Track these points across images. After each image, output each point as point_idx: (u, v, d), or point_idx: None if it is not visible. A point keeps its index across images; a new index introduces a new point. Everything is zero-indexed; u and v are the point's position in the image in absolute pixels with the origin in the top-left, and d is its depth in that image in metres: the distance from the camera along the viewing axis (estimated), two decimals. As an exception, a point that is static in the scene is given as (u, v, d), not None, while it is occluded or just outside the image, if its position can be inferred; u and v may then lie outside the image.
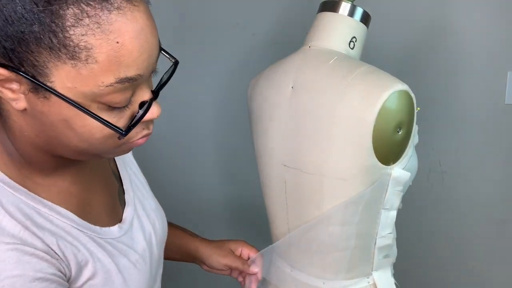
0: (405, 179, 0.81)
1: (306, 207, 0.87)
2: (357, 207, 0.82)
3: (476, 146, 1.55)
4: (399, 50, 1.51)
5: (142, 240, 0.71)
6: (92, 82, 0.49)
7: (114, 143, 0.55)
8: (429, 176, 1.57)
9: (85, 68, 0.49)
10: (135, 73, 0.51)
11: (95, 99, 0.51)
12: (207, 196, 1.62)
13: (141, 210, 0.73)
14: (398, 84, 0.76)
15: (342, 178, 0.80)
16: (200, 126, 1.58)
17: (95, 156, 0.58)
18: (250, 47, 1.52)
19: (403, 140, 0.80)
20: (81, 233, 0.61)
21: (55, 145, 0.55)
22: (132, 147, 0.59)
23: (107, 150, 0.56)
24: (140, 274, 0.68)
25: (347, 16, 0.85)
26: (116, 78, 0.50)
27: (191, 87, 1.53)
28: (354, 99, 0.77)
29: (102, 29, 0.48)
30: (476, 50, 1.49)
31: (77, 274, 0.58)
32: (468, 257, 1.62)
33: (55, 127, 0.53)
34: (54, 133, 0.53)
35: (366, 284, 0.89)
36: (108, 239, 0.65)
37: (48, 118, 0.52)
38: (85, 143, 0.54)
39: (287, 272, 0.96)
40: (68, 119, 0.52)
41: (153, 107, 0.56)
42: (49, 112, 0.51)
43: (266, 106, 0.91)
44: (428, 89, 1.53)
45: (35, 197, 0.57)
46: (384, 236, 0.86)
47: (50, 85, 0.49)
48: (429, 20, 1.49)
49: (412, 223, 1.57)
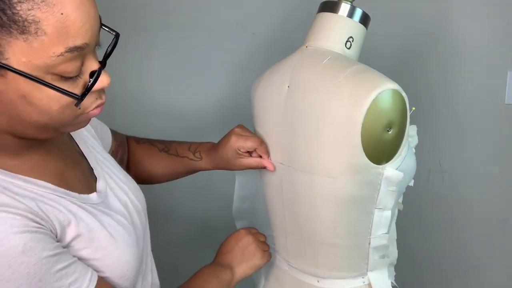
0: (398, 179, 0.80)
1: (299, 204, 0.88)
2: (347, 205, 0.82)
3: (476, 146, 1.55)
4: (399, 50, 1.51)
5: (120, 206, 0.73)
6: (44, 53, 0.53)
7: (72, 113, 0.59)
8: (429, 176, 1.57)
9: (36, 41, 0.52)
10: (81, 42, 0.55)
11: (49, 70, 0.54)
12: (211, 196, 1.62)
13: (112, 184, 0.76)
14: (388, 83, 0.76)
15: (332, 176, 0.80)
16: (200, 126, 1.58)
17: (56, 131, 0.61)
18: (250, 47, 1.52)
19: (395, 140, 0.79)
20: (61, 198, 0.63)
21: (16, 124, 0.58)
22: (89, 118, 0.63)
23: (66, 121, 0.60)
24: (126, 232, 0.70)
25: (344, 16, 0.85)
26: (65, 47, 0.54)
27: (190, 87, 1.53)
28: (344, 98, 0.77)
29: (46, 3, 0.52)
30: (476, 50, 1.49)
31: (62, 234, 0.61)
32: (468, 257, 1.62)
33: (15, 104, 0.55)
34: (14, 111, 0.56)
35: (361, 284, 0.89)
36: (88, 203, 0.67)
37: (7, 96, 0.55)
38: (45, 116, 0.57)
39: (285, 270, 0.97)
40: (26, 94, 0.55)
41: (103, 76, 0.60)
42: (7, 90, 0.54)
43: (265, 105, 0.92)
44: (428, 89, 1.53)
45: (8, 174, 0.60)
46: (378, 236, 0.85)
47: (6, 62, 0.52)
48: (429, 20, 1.49)
49: (412, 223, 1.57)
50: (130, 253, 0.69)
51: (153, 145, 1.01)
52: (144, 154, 1.01)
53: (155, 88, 1.54)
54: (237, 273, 0.90)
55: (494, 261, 1.61)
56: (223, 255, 0.92)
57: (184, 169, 1.01)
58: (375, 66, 0.83)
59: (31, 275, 0.54)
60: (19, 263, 0.53)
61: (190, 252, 1.51)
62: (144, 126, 1.53)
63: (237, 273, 0.90)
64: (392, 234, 0.92)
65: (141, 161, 1.01)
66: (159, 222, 1.45)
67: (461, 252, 1.62)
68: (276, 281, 1.00)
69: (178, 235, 1.60)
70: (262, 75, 0.95)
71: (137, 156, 1.01)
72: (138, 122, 1.53)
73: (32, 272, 0.54)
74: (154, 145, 1.01)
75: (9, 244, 0.53)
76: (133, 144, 1.02)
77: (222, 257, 0.92)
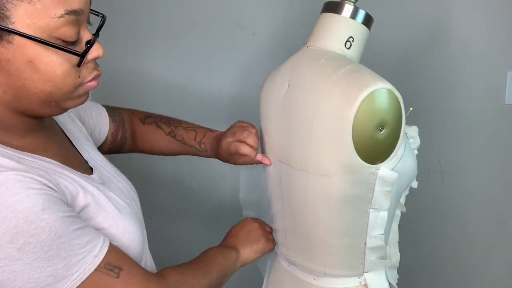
0: (392, 179, 0.80)
1: (296, 202, 0.88)
2: (341, 204, 0.82)
3: (476, 146, 1.55)
4: (399, 50, 1.51)
5: (118, 189, 0.77)
6: (47, 15, 0.58)
7: (72, 82, 0.64)
8: (429, 176, 1.57)
9: (39, 3, 0.57)
10: (77, 6, 0.61)
11: (51, 33, 0.59)
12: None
13: (107, 174, 0.79)
14: (380, 82, 0.75)
15: (325, 175, 0.80)
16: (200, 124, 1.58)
17: (58, 106, 0.65)
18: (250, 47, 1.52)
19: (388, 140, 0.79)
20: (68, 172, 0.67)
21: (22, 97, 0.62)
22: (87, 90, 0.67)
23: (68, 91, 0.64)
24: (129, 207, 0.74)
25: (345, 17, 0.86)
26: (64, 9, 0.59)
27: (190, 87, 1.53)
28: (336, 96, 0.77)
29: None
30: (476, 50, 1.49)
31: (72, 203, 0.64)
32: (468, 257, 1.62)
33: (21, 72, 0.60)
34: (20, 81, 0.60)
35: (357, 284, 0.89)
36: (92, 181, 0.71)
37: (14, 64, 0.59)
38: (49, 84, 0.61)
39: (285, 267, 0.98)
40: (33, 60, 0.59)
41: (97, 45, 0.66)
42: (14, 58, 0.59)
43: (268, 103, 0.93)
44: (428, 89, 1.53)
45: (16, 150, 0.63)
46: (375, 236, 0.85)
47: (12, 27, 0.57)
48: (429, 20, 1.49)
49: (412, 223, 1.57)
50: (135, 226, 0.73)
51: (159, 128, 1.04)
52: (151, 135, 1.04)
53: (155, 88, 1.54)
54: (242, 255, 0.93)
55: (494, 261, 1.61)
56: (229, 238, 0.96)
57: (191, 153, 1.05)
58: (376, 66, 0.83)
59: (52, 231, 0.58)
60: (41, 219, 0.57)
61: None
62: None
63: (242, 255, 0.93)
64: (394, 236, 0.92)
65: (147, 140, 1.04)
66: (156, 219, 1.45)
67: (461, 252, 1.62)
68: (276, 279, 1.01)
69: (177, 232, 1.60)
70: (268, 75, 0.97)
71: (143, 135, 1.04)
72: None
73: (53, 228, 0.58)
74: (160, 128, 1.04)
75: (30, 203, 0.56)
76: (138, 124, 1.04)
77: (228, 240, 0.96)
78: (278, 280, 1.00)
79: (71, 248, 0.60)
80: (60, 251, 0.58)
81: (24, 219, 0.56)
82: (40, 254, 0.57)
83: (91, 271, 0.61)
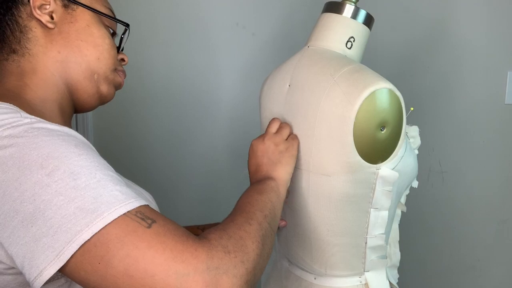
0: (393, 179, 0.80)
1: (297, 200, 0.89)
2: (342, 203, 0.82)
3: (476, 146, 1.55)
4: (399, 50, 1.51)
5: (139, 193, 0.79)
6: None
7: (114, 57, 0.77)
8: (429, 176, 1.58)
9: None
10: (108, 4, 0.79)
11: (101, 8, 0.76)
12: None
13: (125, 180, 0.79)
14: (381, 82, 0.76)
15: (326, 174, 0.81)
16: (200, 126, 1.58)
17: (97, 82, 0.75)
18: (250, 47, 1.52)
19: (389, 139, 0.79)
20: None
21: (72, 60, 0.72)
22: (117, 82, 0.79)
23: (109, 64, 0.76)
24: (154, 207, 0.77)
25: (346, 17, 0.86)
26: (108, 7, 0.78)
27: (190, 87, 1.53)
28: (338, 96, 0.77)
29: None
30: (476, 50, 1.49)
31: None
32: (468, 256, 1.63)
33: (79, 33, 0.73)
34: (77, 41, 0.72)
35: (358, 284, 0.89)
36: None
37: (75, 26, 0.72)
38: (99, 48, 0.74)
39: (286, 267, 0.98)
40: (90, 24, 0.74)
41: (123, 55, 0.82)
42: (76, 20, 0.73)
43: (269, 103, 0.94)
44: (428, 89, 1.53)
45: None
46: (375, 236, 0.85)
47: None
48: (429, 20, 1.49)
49: (412, 223, 1.57)
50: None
51: None
52: None
53: (155, 88, 1.54)
54: (278, 175, 0.83)
55: (494, 261, 1.61)
56: (253, 175, 0.86)
57: None
58: (376, 66, 0.83)
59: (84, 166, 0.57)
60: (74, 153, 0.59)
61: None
62: (145, 129, 1.53)
63: (278, 175, 0.83)
64: (395, 236, 0.92)
65: None
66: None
67: (461, 252, 1.62)
68: (277, 278, 1.01)
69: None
70: (269, 75, 0.96)
71: None
72: (138, 125, 1.53)
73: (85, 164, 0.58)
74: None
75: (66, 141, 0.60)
76: None
77: (253, 177, 0.86)
78: (279, 279, 1.00)
79: (104, 186, 0.56)
80: (89, 183, 0.55)
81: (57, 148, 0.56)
82: (68, 181, 0.54)
83: (119, 214, 0.55)
